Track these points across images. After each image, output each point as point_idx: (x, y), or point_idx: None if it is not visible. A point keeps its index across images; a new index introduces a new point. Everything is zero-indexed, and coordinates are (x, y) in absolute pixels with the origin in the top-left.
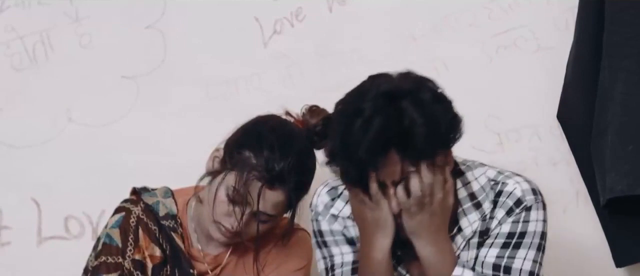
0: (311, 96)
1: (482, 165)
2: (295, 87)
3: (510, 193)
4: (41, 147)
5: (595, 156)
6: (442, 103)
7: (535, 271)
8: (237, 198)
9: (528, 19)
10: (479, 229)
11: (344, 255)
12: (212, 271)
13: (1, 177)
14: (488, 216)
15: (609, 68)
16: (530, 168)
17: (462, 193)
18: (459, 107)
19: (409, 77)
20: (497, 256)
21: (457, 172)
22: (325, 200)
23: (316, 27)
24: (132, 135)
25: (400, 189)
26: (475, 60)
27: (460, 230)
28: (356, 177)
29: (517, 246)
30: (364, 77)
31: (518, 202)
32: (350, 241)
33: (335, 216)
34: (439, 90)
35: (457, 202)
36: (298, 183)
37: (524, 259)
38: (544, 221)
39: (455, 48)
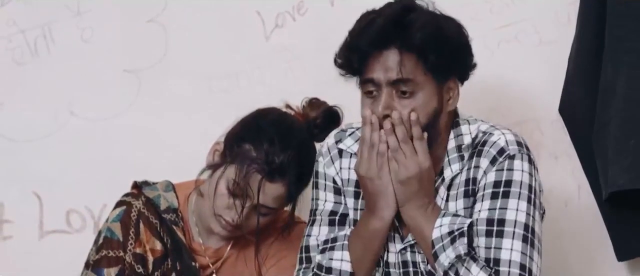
0: (313, 90)
1: (483, 121)
2: (297, 80)
3: (494, 143)
4: (43, 141)
5: (597, 150)
6: (460, 31)
7: (530, 224)
8: (237, 191)
9: (530, 13)
10: (463, 178)
11: (326, 202)
12: (213, 264)
13: (3, 170)
14: (473, 165)
15: (612, 62)
16: None
17: (451, 145)
18: (460, 101)
19: (437, 12)
20: (489, 209)
21: (454, 123)
22: (331, 142)
23: (318, 20)
24: (133, 129)
25: (387, 123)
26: (477, 54)
27: (443, 180)
28: (356, 66)
29: (506, 195)
30: None
31: (501, 151)
32: (337, 191)
33: (340, 152)
34: (463, 30)
35: (445, 152)
36: (298, 176)
37: (517, 210)
38: (530, 174)
39: None
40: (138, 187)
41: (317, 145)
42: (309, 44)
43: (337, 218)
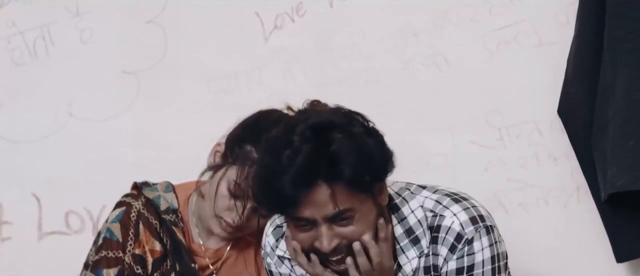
0: (312, 91)
1: (419, 190)
2: (296, 82)
3: (449, 228)
4: (42, 142)
5: (596, 151)
6: (373, 136)
7: None
8: (238, 193)
9: (529, 14)
10: (422, 265)
11: None
12: (212, 265)
13: (2, 172)
14: (431, 252)
15: (611, 63)
16: (531, 164)
17: (398, 230)
18: (459, 102)
19: (339, 112)
20: None
21: (392, 206)
22: (271, 241)
23: (317, 22)
24: (133, 130)
25: (350, 261)
26: (476, 56)
27: (399, 267)
28: (284, 212)
29: None
30: (364, 73)
31: (458, 237)
32: None
33: (281, 259)
34: (371, 124)
35: (394, 240)
36: None
37: None
38: (490, 246)
39: (456, 43)
40: (138, 187)
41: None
42: (308, 45)
43: None
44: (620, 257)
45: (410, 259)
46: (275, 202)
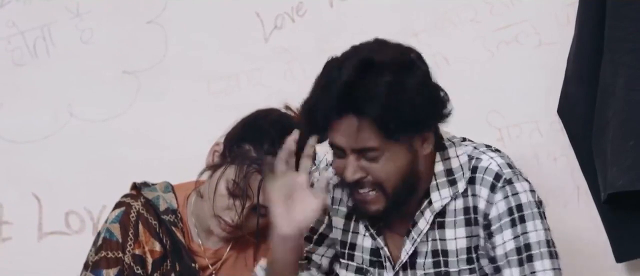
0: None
1: (467, 141)
2: (296, 82)
3: (486, 168)
4: (42, 142)
5: (596, 151)
6: (426, 89)
7: (549, 238)
8: (237, 192)
9: (529, 14)
10: (460, 206)
11: None
12: (212, 265)
13: (2, 172)
14: (469, 193)
15: (611, 63)
16: (531, 163)
17: (439, 167)
18: (460, 102)
19: (404, 56)
20: (513, 237)
21: (440, 145)
22: (328, 159)
23: (317, 22)
24: (133, 130)
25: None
26: (477, 56)
27: (430, 203)
28: (318, 132)
29: (522, 219)
30: None
31: (497, 177)
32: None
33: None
34: (432, 80)
35: (432, 175)
36: None
37: (536, 230)
38: (532, 191)
39: (456, 43)
40: (137, 188)
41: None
42: (308, 45)
43: (315, 236)
44: (619, 257)
45: (442, 197)
46: (311, 124)
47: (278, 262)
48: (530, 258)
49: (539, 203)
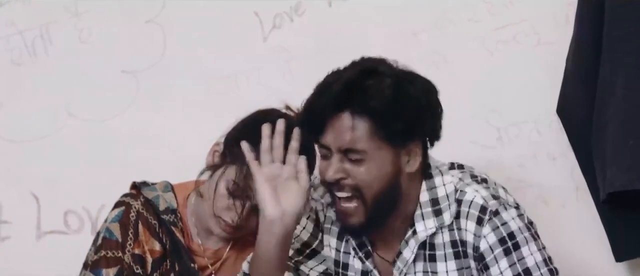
0: (311, 91)
1: (454, 170)
2: (295, 81)
3: (471, 202)
4: (41, 142)
5: (595, 151)
6: (425, 95)
7: (546, 257)
8: (237, 192)
9: (528, 13)
10: (447, 239)
11: (303, 230)
12: (212, 265)
13: (1, 171)
14: (455, 227)
15: (610, 63)
16: (530, 163)
17: (425, 197)
18: (459, 102)
19: (406, 70)
20: (510, 265)
21: (426, 174)
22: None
23: (316, 21)
24: (132, 130)
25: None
26: (476, 55)
27: (415, 233)
28: (314, 129)
29: (516, 247)
30: None
31: (482, 210)
32: (317, 225)
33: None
34: (434, 96)
35: (418, 204)
36: None
37: (531, 254)
38: (520, 216)
39: (455, 43)
40: (137, 187)
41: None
42: (307, 44)
43: (307, 250)
44: (619, 257)
45: (427, 228)
46: (308, 123)
47: (261, 248)
48: None
49: (530, 225)
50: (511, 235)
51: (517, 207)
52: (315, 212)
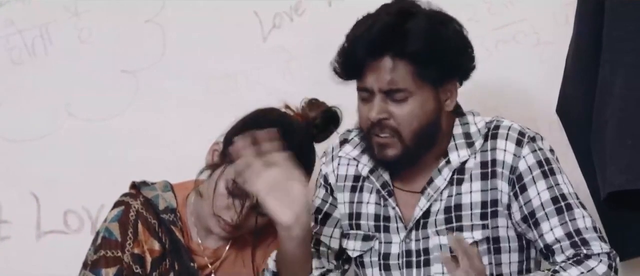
0: (311, 90)
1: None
2: (294, 81)
3: (510, 126)
4: (40, 141)
5: (594, 150)
6: (459, 39)
7: (574, 191)
8: (236, 191)
9: (528, 13)
10: (478, 160)
11: (315, 198)
12: (211, 264)
13: (1, 171)
14: (488, 148)
15: (610, 62)
16: None
17: (458, 130)
18: (458, 101)
19: (438, 10)
20: (548, 188)
21: (458, 112)
22: (335, 144)
23: (315, 21)
24: (131, 130)
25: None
26: (475, 55)
27: (448, 162)
28: (352, 73)
29: (552, 172)
30: None
31: (521, 133)
32: (327, 190)
33: (340, 158)
34: (465, 33)
35: (451, 137)
36: None
37: (565, 183)
38: (551, 150)
39: None
40: (136, 187)
41: (316, 156)
42: (307, 44)
43: (319, 216)
44: (619, 256)
45: (460, 156)
46: (347, 66)
47: (286, 254)
48: (568, 207)
49: (557, 160)
50: (547, 161)
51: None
52: (324, 177)
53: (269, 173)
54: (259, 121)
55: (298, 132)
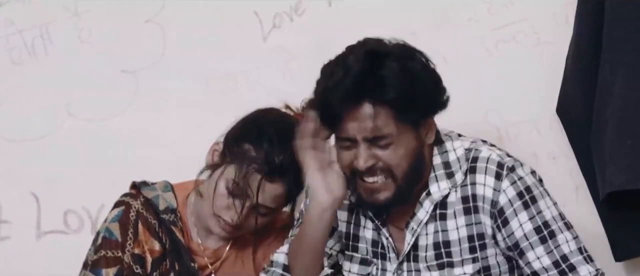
0: (310, 90)
1: (461, 137)
2: (294, 81)
3: (488, 158)
4: (40, 142)
5: (594, 150)
6: (428, 72)
7: (560, 212)
8: (236, 191)
9: (528, 13)
10: (459, 196)
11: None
12: (211, 265)
13: (1, 171)
14: (468, 182)
15: (610, 63)
16: (530, 163)
17: (437, 160)
18: (458, 101)
19: (400, 45)
20: (529, 219)
21: (437, 140)
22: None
23: (315, 21)
24: (131, 130)
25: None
26: (475, 55)
27: (429, 194)
28: (330, 123)
29: (533, 200)
30: None
31: (500, 165)
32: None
33: None
34: (431, 65)
35: (431, 168)
36: (297, 176)
37: (548, 208)
38: (532, 173)
39: (454, 43)
40: (136, 187)
41: None
42: (307, 44)
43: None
44: (618, 256)
45: (441, 189)
46: (324, 116)
47: (309, 236)
48: (552, 234)
49: (541, 182)
50: (528, 189)
51: (529, 167)
52: None
53: (320, 153)
54: (259, 121)
55: None
